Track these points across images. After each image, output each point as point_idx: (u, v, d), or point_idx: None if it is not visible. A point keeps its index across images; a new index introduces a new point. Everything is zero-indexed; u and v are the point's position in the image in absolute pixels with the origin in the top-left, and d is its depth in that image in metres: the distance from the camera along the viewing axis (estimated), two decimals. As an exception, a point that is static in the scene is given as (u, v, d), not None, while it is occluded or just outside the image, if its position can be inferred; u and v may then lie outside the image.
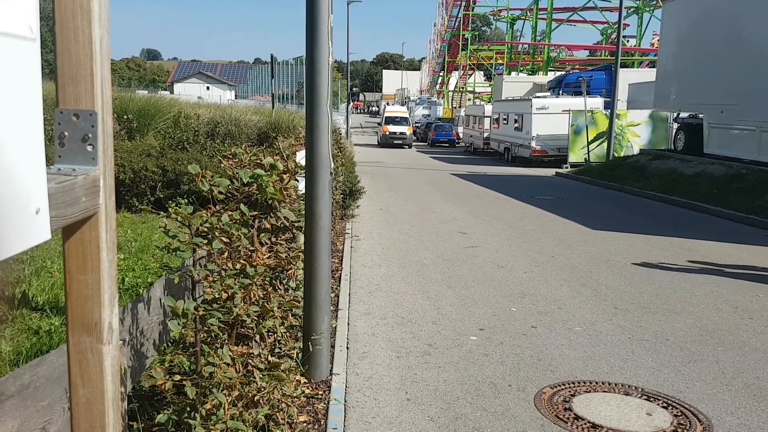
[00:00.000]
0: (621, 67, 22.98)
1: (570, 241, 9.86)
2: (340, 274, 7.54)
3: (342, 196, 10.68)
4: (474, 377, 4.70)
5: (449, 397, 4.35)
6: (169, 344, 4.03)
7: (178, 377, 2.84)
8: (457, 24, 57.08)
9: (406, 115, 39.94)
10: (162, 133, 14.76)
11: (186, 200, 3.66)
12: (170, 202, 3.43)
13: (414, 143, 39.31)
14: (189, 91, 61.29)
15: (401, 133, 37.17)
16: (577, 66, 50.96)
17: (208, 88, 74.16)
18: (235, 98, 64.38)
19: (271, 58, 24.31)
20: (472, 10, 56.26)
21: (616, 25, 22.80)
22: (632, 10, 46.76)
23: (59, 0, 1.29)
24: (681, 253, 9.02)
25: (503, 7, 54.98)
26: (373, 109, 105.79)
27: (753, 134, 14.69)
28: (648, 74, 26.40)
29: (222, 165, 3.87)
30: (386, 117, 38.80)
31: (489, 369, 4.86)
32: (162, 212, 3.33)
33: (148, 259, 7.37)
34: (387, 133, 37.22)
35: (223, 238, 2.99)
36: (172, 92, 55.76)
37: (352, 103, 59.53)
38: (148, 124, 14.81)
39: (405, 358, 5.06)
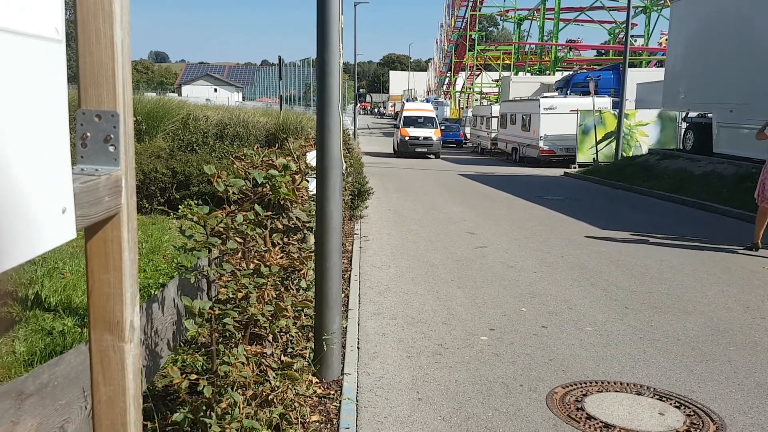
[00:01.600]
0: (629, 66, 22.91)
1: (579, 241, 9.83)
2: (350, 274, 7.54)
3: (350, 196, 10.70)
4: (485, 377, 4.70)
5: (461, 397, 4.36)
6: (182, 344, 4.05)
7: (194, 376, 2.86)
8: (463, 25, 57.06)
9: (432, 114, 30.39)
10: (171, 135, 14.86)
11: (196, 201, 3.68)
12: (182, 202, 3.45)
13: None
14: (197, 93, 61.69)
15: (425, 138, 28.46)
16: (584, 66, 50.88)
17: (215, 90, 74.72)
18: (243, 100, 64.77)
19: (279, 60, 24.37)
20: (479, 11, 56.26)
21: (624, 25, 22.71)
22: (640, 9, 46.64)
23: (81, 1, 1.30)
24: (690, 253, 8.99)
25: (510, 7, 54.97)
26: (381, 110, 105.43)
27: (763, 133, 14.58)
28: (656, 74, 26.33)
29: (234, 166, 3.90)
30: (405, 117, 29.64)
31: (500, 369, 4.86)
32: (173, 212, 3.36)
33: (159, 260, 7.41)
34: (407, 138, 28.55)
35: (238, 239, 3.01)
36: (180, 94, 56.04)
37: (359, 105, 59.46)
38: (157, 126, 14.91)
39: (416, 358, 5.07)
